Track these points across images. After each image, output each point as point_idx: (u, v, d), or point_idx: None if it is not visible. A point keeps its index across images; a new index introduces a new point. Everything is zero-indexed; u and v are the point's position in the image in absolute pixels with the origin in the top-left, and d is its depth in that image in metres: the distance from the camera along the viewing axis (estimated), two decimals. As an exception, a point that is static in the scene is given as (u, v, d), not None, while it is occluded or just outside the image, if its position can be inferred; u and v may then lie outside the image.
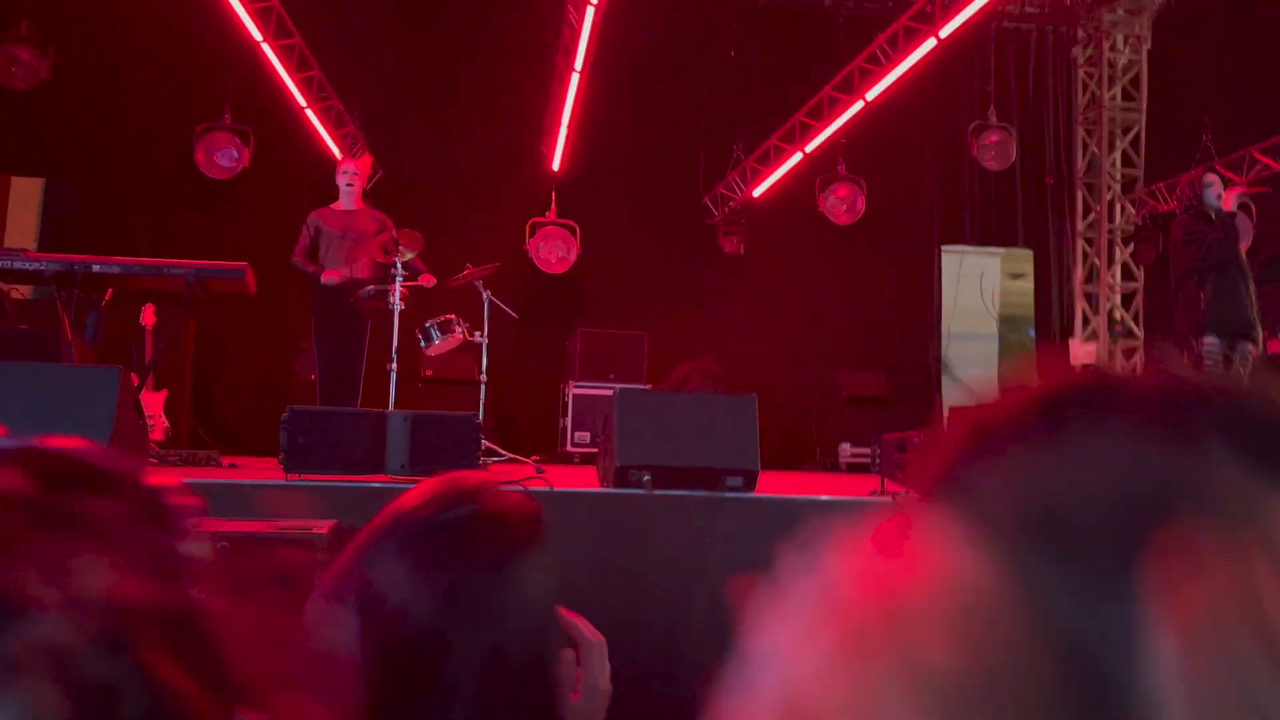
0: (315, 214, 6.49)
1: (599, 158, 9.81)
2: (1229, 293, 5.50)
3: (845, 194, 9.90)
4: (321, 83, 8.88)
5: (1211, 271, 5.54)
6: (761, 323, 10.07)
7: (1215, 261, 5.52)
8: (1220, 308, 5.50)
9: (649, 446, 4.16)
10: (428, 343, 6.14)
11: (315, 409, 4.33)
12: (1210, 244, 5.54)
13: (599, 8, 7.51)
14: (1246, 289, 5.55)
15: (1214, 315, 5.52)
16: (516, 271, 9.34)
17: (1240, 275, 5.54)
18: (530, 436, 9.37)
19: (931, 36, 8.33)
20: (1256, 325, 5.54)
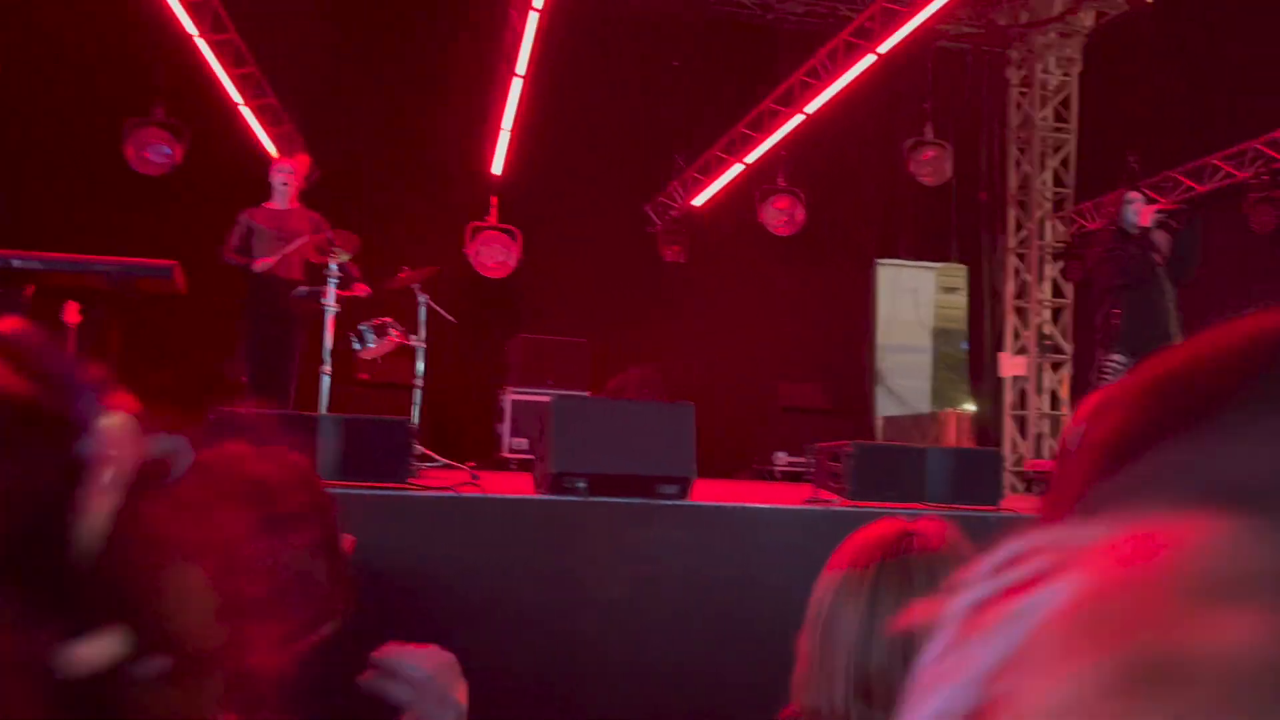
0: (248, 212, 6.38)
1: (541, 163, 9.78)
2: (1144, 309, 5.56)
3: (785, 206, 10.00)
4: (258, 80, 8.73)
5: (1127, 288, 5.60)
6: (701, 331, 10.12)
7: (1132, 279, 5.58)
8: (1133, 325, 5.56)
9: (585, 453, 4.15)
10: (362, 346, 6.06)
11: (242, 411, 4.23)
12: (1126, 261, 5.61)
13: (542, 13, 7.50)
14: (1164, 305, 5.59)
15: (1125, 333, 5.57)
16: (455, 276, 9.26)
17: (1158, 291, 5.60)
18: (467, 442, 9.28)
19: (871, 53, 8.46)
20: (1174, 340, 5.52)
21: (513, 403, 8.79)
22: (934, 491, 4.51)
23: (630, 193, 10.38)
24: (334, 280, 5.71)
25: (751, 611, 4.04)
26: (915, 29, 8.22)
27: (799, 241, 10.25)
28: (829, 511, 4.34)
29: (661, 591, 3.98)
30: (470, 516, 3.87)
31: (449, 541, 3.73)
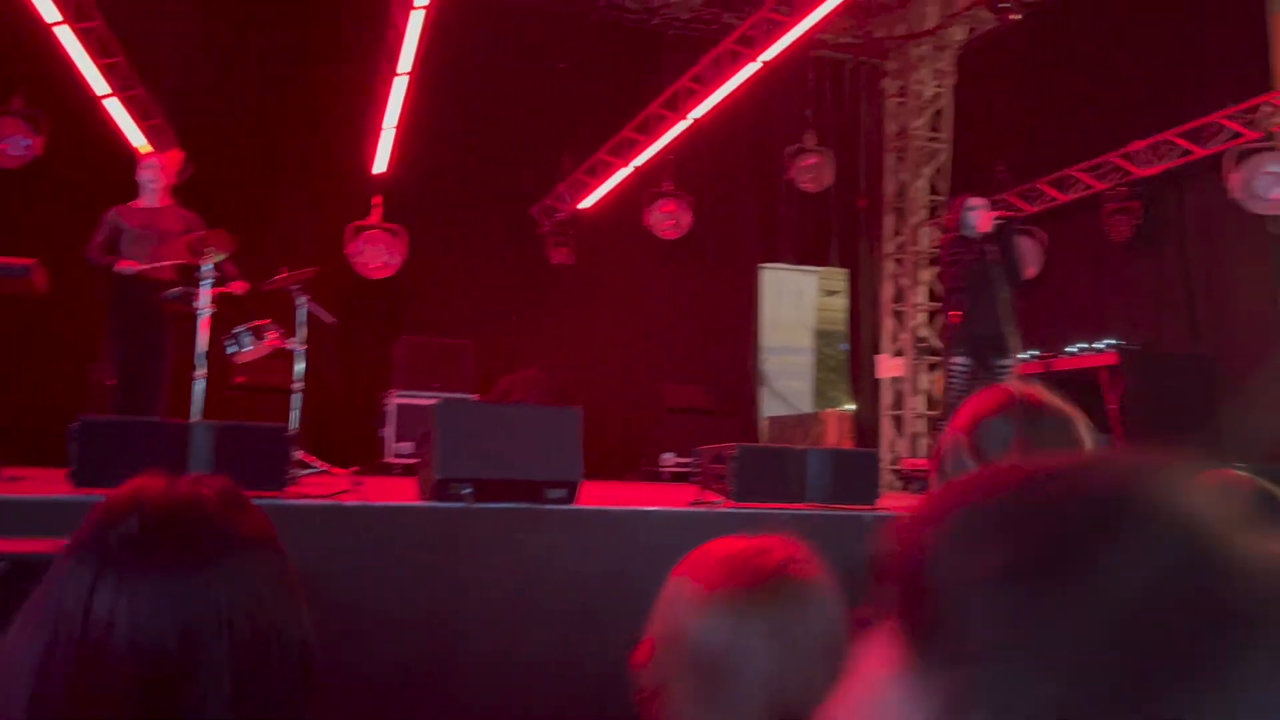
0: (115, 210, 6.09)
1: (426, 163, 9.63)
2: (983, 311, 5.75)
3: (671, 209, 10.10)
4: (126, 70, 8.35)
5: (968, 291, 5.80)
6: (589, 334, 10.13)
7: (969, 283, 5.78)
8: (972, 327, 5.76)
9: (470, 459, 4.11)
10: (238, 349, 5.87)
11: (109, 418, 4.06)
12: (966, 265, 5.80)
13: (426, 11, 7.39)
14: (999, 308, 5.79)
15: (965, 334, 5.79)
16: (337, 277, 9.05)
17: (994, 295, 5.78)
18: (350, 447, 9.06)
19: (753, 60, 8.62)
20: (1007, 339, 5.83)
21: (397, 406, 8.65)
22: (814, 492, 4.62)
23: (517, 194, 10.33)
24: (208, 282, 5.51)
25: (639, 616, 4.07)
26: (796, 39, 8.41)
27: (685, 245, 10.37)
28: (713, 514, 4.41)
29: (548, 597, 3.98)
30: (352, 525, 3.79)
31: (329, 551, 3.65)
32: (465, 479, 4.05)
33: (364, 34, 9.06)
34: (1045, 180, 9.77)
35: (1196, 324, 8.51)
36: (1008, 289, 5.83)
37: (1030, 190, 9.93)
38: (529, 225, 10.42)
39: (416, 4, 7.24)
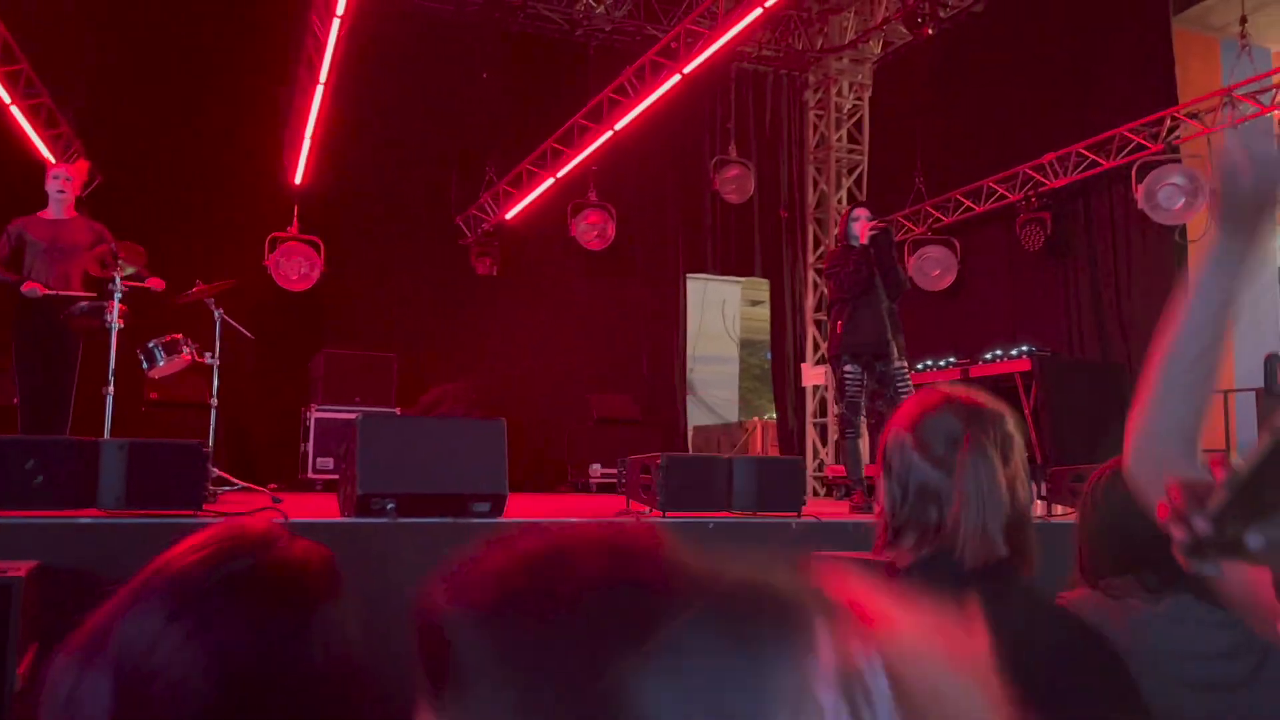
0: (18, 222, 5.87)
1: (346, 173, 9.48)
2: (863, 319, 5.88)
3: (596, 220, 10.11)
4: (30, 78, 8.07)
5: (849, 301, 5.93)
6: (515, 345, 10.07)
7: (850, 291, 5.90)
8: (853, 335, 5.90)
9: (393, 473, 4.05)
10: (151, 364, 5.70)
11: (13, 437, 3.90)
12: (846, 275, 5.92)
13: (344, 20, 7.30)
14: (880, 315, 5.90)
15: (847, 342, 5.92)
16: (255, 289, 8.85)
17: (875, 301, 5.90)
18: (269, 463, 8.87)
19: (676, 72, 8.68)
20: (890, 345, 5.91)
21: (317, 421, 8.48)
22: (741, 500, 4.65)
23: (441, 204, 10.23)
24: (118, 294, 5.35)
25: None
26: (717, 51, 8.49)
27: (610, 255, 10.38)
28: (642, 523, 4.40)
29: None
30: (271, 543, 3.70)
31: (248, 570, 3.55)
32: (388, 494, 3.98)
33: (283, 43, 8.90)
34: (961, 190, 10.02)
35: (1105, 331, 8.81)
36: (888, 299, 5.94)
37: (947, 200, 10.17)
38: (453, 236, 10.32)
39: (336, 13, 7.14)
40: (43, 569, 3.29)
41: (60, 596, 3.34)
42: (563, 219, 10.03)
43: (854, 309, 5.91)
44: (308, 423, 8.56)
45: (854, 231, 6.03)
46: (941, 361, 8.89)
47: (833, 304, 6.13)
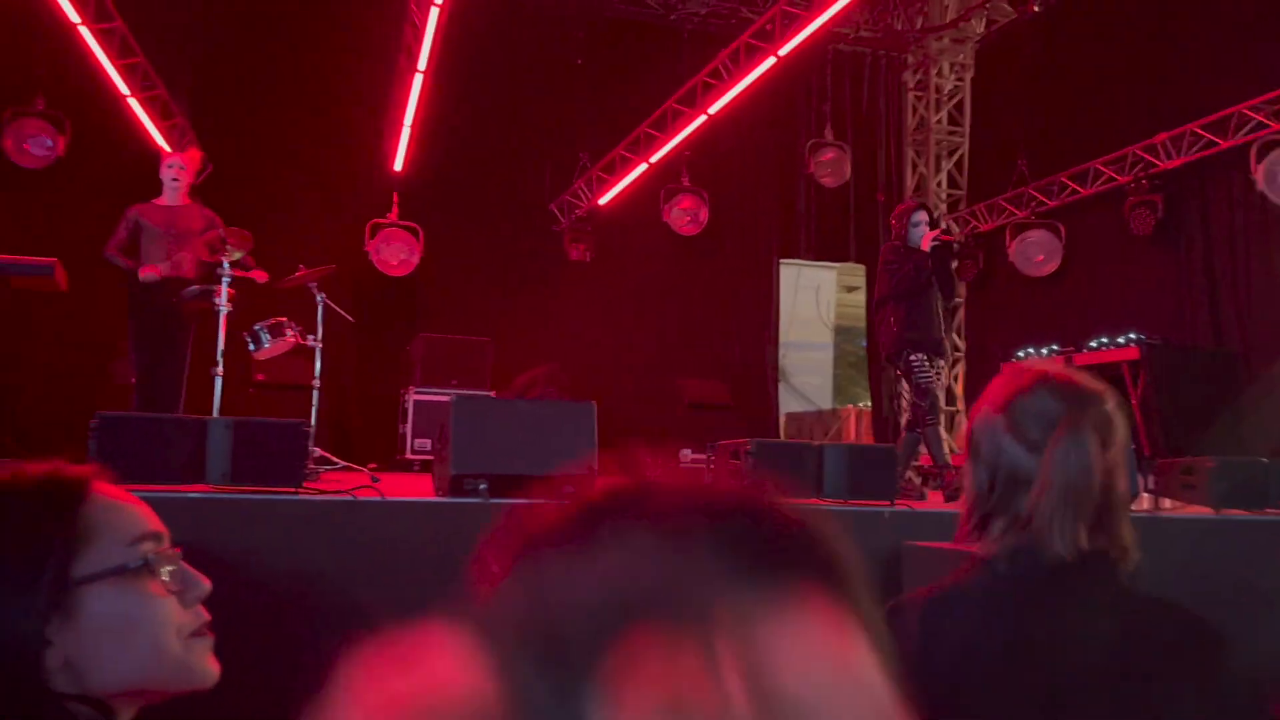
0: (136, 208, 6.13)
1: (444, 160, 9.66)
2: (922, 319, 6.06)
3: (689, 205, 10.08)
4: (147, 71, 8.41)
5: (904, 298, 6.08)
6: (606, 330, 10.14)
7: (909, 291, 6.06)
8: (913, 331, 6.05)
9: (485, 454, 4.11)
10: (257, 346, 5.90)
11: (128, 415, 4.09)
12: (906, 275, 6.07)
13: (443, 8, 7.41)
14: (937, 314, 6.13)
15: (909, 338, 6.06)
16: (355, 274, 9.10)
17: (933, 300, 6.10)
18: (368, 444, 9.12)
19: (771, 55, 8.58)
20: (942, 343, 6.14)
21: (415, 403, 8.67)
22: (831, 488, 4.60)
23: (535, 191, 10.33)
24: (227, 279, 5.55)
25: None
26: (814, 32, 8.37)
27: (702, 240, 10.35)
28: (729, 509, 4.39)
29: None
30: (368, 521, 3.80)
31: (345, 546, 3.66)
32: (480, 474, 4.05)
33: (382, 32, 9.09)
34: (1066, 174, 9.68)
35: (1219, 318, 8.42)
36: (940, 299, 6.16)
37: (1051, 183, 9.84)
38: (547, 222, 10.42)
39: (435, 1, 7.25)
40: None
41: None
42: (656, 204, 10.03)
43: (911, 306, 6.08)
44: (406, 405, 8.76)
45: (915, 236, 6.17)
46: (1044, 349, 8.64)
47: (883, 300, 6.23)
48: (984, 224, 10.75)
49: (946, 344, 6.18)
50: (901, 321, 6.06)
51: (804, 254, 11.39)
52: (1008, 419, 1.43)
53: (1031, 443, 1.40)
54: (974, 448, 1.47)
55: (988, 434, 1.44)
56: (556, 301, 10.07)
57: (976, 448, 1.46)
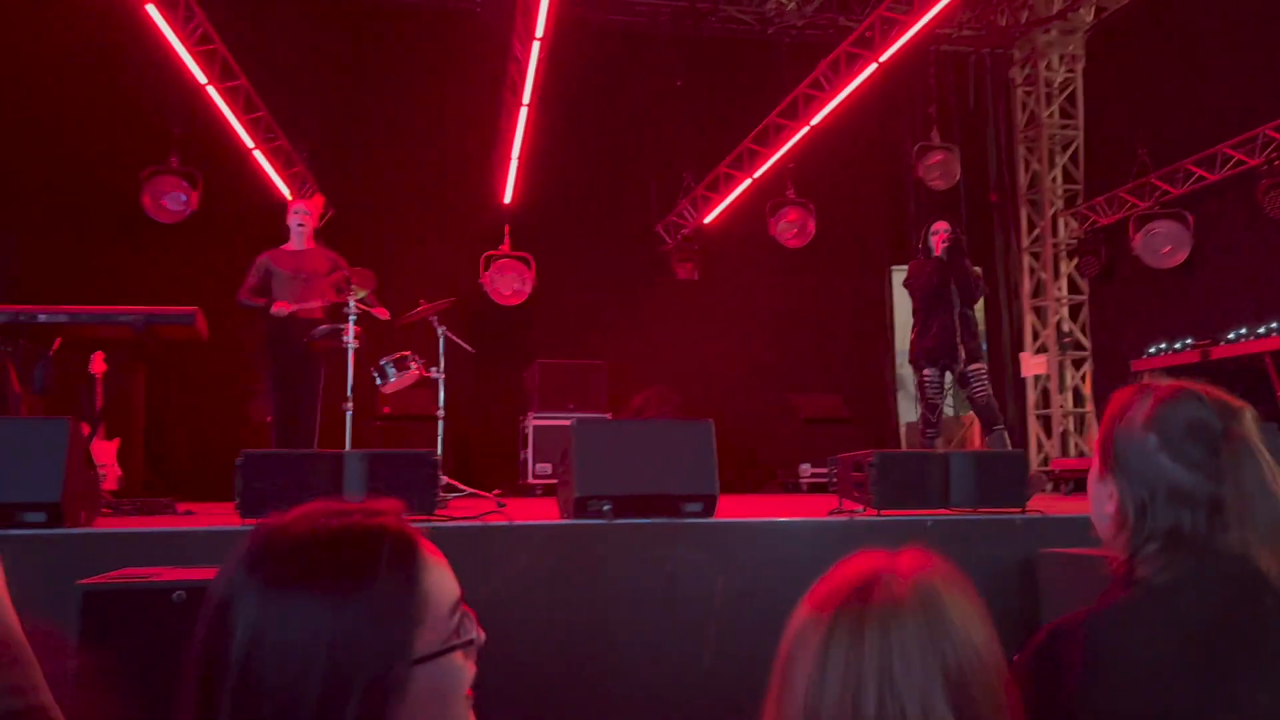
0: (266, 255, 6.46)
1: (551, 189, 9.86)
2: (938, 327, 6.23)
3: (795, 217, 10.03)
4: (269, 123, 8.85)
5: (923, 309, 6.28)
6: (717, 347, 10.15)
7: (925, 300, 6.25)
8: (928, 342, 6.24)
9: (608, 476, 4.17)
10: (383, 380, 6.12)
11: (270, 452, 4.29)
12: (920, 285, 6.27)
13: (544, 42, 7.58)
14: (954, 322, 6.25)
15: (923, 349, 6.28)
16: (471, 305, 9.34)
17: (948, 309, 6.24)
18: (490, 470, 9.32)
19: (873, 62, 8.49)
20: (958, 349, 6.24)
21: (534, 428, 8.84)
22: (959, 497, 4.50)
23: (640, 213, 10.44)
24: (353, 317, 5.78)
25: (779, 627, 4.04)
26: (915, 35, 8.25)
27: (810, 252, 10.27)
28: (854, 522, 4.34)
29: (689, 609, 4.00)
30: (499, 545, 3.90)
31: (478, 571, 3.76)
32: (604, 496, 4.11)
33: (487, 70, 9.34)
34: (1191, 160, 9.27)
35: (1371, 301, 7.92)
36: (962, 305, 6.29)
37: (1175, 171, 9.44)
38: (654, 243, 10.51)
39: (536, 35, 7.43)
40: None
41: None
42: (761, 219, 10.01)
43: (926, 316, 6.29)
44: (525, 430, 8.93)
45: (931, 244, 6.39)
46: (1177, 344, 8.28)
47: (914, 313, 6.47)
48: (1104, 217, 10.37)
49: (967, 348, 6.26)
50: (918, 331, 6.32)
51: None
52: (1159, 437, 1.39)
53: (1193, 461, 1.37)
54: (1121, 465, 1.43)
55: (1137, 452, 1.41)
56: (667, 321, 10.13)
57: (1125, 466, 1.42)
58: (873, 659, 1.03)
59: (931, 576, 1.08)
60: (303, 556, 0.94)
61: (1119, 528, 1.43)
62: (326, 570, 0.92)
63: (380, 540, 0.95)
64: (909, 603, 1.05)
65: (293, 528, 0.96)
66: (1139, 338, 9.24)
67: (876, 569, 1.09)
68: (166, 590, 2.94)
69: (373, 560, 0.93)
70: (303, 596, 0.91)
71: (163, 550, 3.63)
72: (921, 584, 1.07)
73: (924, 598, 1.06)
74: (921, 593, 1.06)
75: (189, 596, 3.07)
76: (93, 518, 4.09)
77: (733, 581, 4.05)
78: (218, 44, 8.13)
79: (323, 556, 0.93)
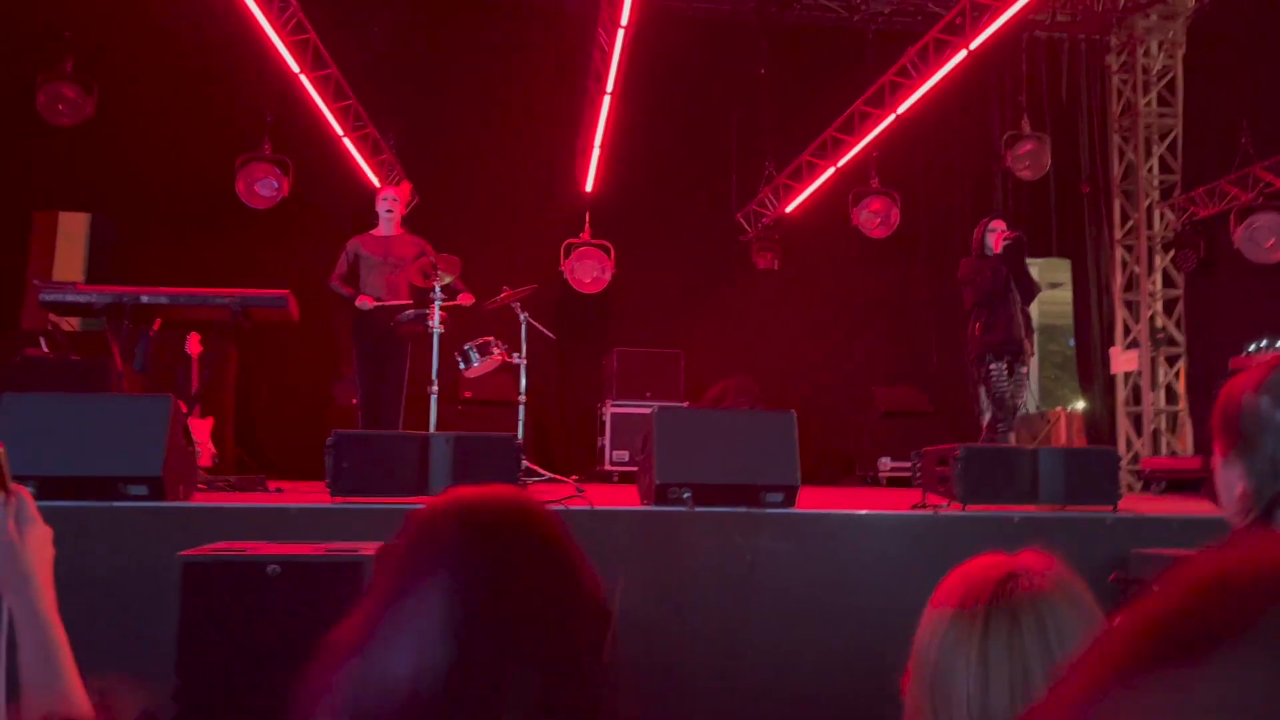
0: (355, 240, 6.59)
1: (632, 178, 9.87)
2: (1001, 322, 6.27)
3: (879, 207, 9.88)
4: (358, 111, 9.03)
5: (986, 305, 6.30)
6: (797, 338, 10.06)
7: (989, 297, 6.27)
8: (993, 337, 6.28)
9: (688, 464, 4.18)
10: (467, 365, 6.21)
11: (360, 433, 4.40)
12: (984, 281, 6.30)
13: (628, 30, 7.58)
14: (1018, 316, 6.30)
15: (988, 343, 6.30)
16: (552, 292, 9.41)
17: (1012, 305, 6.28)
18: (568, 456, 9.41)
19: (962, 49, 8.31)
20: (1024, 345, 6.32)
21: (612, 415, 8.88)
22: (1048, 493, 4.40)
23: (721, 202, 10.39)
24: (438, 302, 5.87)
25: (862, 620, 4.01)
26: (1006, 22, 8.05)
27: (894, 243, 10.11)
28: (939, 516, 4.28)
29: (769, 599, 3.98)
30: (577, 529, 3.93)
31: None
32: (684, 483, 4.11)
33: (571, 58, 9.38)
34: (1298, 150, 8.89)
35: None
36: (1021, 302, 6.34)
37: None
38: (734, 232, 10.46)
39: (621, 23, 7.44)
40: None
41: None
42: (844, 208, 9.89)
43: (991, 311, 6.29)
44: (603, 417, 8.98)
45: (989, 242, 6.38)
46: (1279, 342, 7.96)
47: (970, 310, 6.45)
48: (1203, 209, 10.01)
49: (1029, 345, 6.38)
50: (983, 327, 6.32)
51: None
52: (1271, 396, 1.35)
53: None
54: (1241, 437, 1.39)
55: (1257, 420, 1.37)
56: (746, 311, 10.08)
57: (1244, 436, 1.38)
58: (1035, 646, 1.05)
59: (1062, 570, 1.12)
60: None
61: (1249, 501, 1.39)
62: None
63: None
64: (1054, 591, 1.08)
65: None
66: (1238, 335, 8.91)
67: (1008, 566, 1.12)
68: (262, 564, 3.03)
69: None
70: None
71: (258, 525, 3.74)
72: (1058, 575, 1.11)
73: (1064, 586, 1.10)
74: (1061, 582, 1.10)
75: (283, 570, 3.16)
76: (190, 492, 4.23)
77: (815, 572, 4.02)
78: (310, 34, 8.31)
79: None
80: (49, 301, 5.24)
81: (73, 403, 4.01)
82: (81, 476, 3.76)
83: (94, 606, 3.57)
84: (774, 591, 3.99)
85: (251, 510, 3.93)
